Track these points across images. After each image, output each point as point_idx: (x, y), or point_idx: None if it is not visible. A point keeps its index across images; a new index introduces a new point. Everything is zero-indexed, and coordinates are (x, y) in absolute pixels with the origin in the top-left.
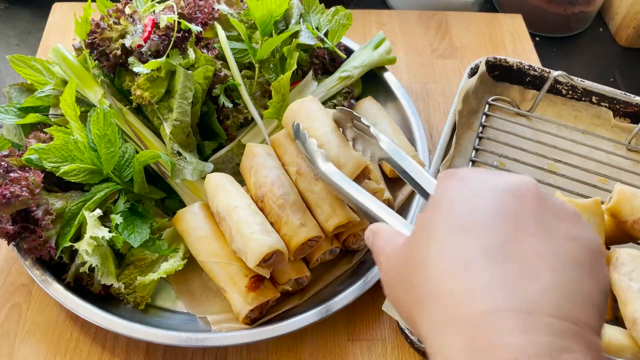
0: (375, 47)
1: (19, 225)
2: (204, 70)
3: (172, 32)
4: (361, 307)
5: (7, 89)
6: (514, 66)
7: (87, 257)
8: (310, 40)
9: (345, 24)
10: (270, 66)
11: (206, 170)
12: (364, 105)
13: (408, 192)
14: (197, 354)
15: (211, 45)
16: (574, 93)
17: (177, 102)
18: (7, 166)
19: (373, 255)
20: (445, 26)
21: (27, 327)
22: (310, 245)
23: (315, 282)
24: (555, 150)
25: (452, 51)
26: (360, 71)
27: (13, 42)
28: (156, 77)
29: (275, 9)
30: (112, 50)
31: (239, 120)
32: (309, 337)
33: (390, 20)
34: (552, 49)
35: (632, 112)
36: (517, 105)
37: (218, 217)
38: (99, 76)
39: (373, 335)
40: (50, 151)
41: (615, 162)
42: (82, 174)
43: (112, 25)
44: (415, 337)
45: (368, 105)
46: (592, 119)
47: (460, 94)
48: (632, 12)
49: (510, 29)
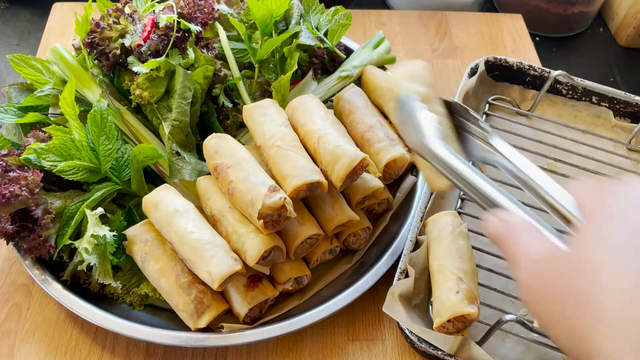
0: (374, 46)
1: (18, 224)
2: (204, 70)
3: (172, 32)
4: (361, 307)
5: (7, 88)
6: (514, 66)
7: (86, 256)
8: (310, 40)
9: (345, 23)
10: (270, 66)
11: (205, 170)
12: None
13: (406, 190)
14: (197, 354)
15: (211, 45)
16: (574, 93)
17: (177, 102)
18: (6, 166)
19: (503, 246)
20: (445, 26)
21: (27, 327)
22: (309, 243)
23: (315, 282)
24: (555, 150)
25: (452, 51)
26: (359, 71)
27: (13, 41)
28: (155, 76)
29: (276, 9)
30: (112, 49)
31: (238, 120)
32: (309, 337)
33: (390, 20)
34: (552, 49)
35: (632, 111)
36: (517, 105)
37: (212, 219)
38: (99, 76)
39: (373, 335)
40: (49, 150)
41: (616, 161)
42: (80, 172)
43: (111, 24)
44: (415, 337)
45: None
46: (592, 118)
47: (460, 94)
48: (632, 12)
49: (510, 29)
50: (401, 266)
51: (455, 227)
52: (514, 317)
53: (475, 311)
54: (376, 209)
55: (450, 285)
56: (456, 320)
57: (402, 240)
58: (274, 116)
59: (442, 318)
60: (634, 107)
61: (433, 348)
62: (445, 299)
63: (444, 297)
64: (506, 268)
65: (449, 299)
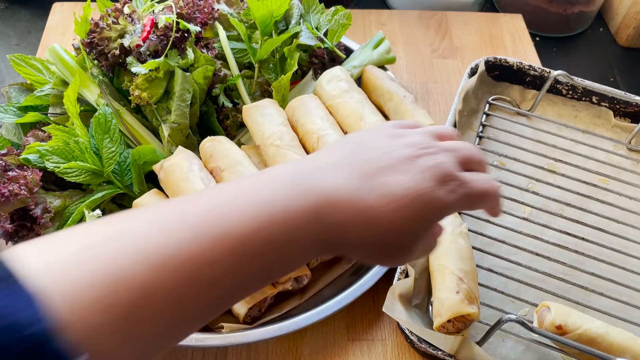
0: (374, 46)
1: (17, 223)
2: (204, 70)
3: (171, 32)
4: (361, 307)
5: (7, 88)
6: (514, 66)
7: None
8: (310, 40)
9: (345, 23)
10: (270, 66)
11: None
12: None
13: None
14: (197, 354)
15: (211, 45)
16: (574, 93)
17: (176, 104)
18: (5, 165)
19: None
20: (445, 26)
21: None
22: None
23: (315, 282)
24: (555, 150)
25: (452, 51)
26: (359, 71)
27: (13, 41)
28: (154, 77)
29: (276, 9)
30: (111, 49)
31: (238, 120)
32: (309, 337)
33: (390, 20)
34: (552, 49)
35: (633, 112)
36: (517, 105)
37: None
38: (98, 76)
39: (373, 336)
40: (53, 152)
41: (616, 161)
42: (83, 174)
43: (111, 24)
44: (415, 337)
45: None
46: (592, 118)
47: (460, 94)
48: (632, 12)
49: (510, 28)
50: (401, 266)
51: (455, 227)
52: (514, 317)
53: (475, 311)
54: None
55: (450, 285)
56: (456, 320)
57: None
58: (273, 116)
59: (442, 318)
60: (634, 107)
61: (433, 348)
62: (445, 299)
63: (444, 297)
64: (506, 268)
65: (449, 299)
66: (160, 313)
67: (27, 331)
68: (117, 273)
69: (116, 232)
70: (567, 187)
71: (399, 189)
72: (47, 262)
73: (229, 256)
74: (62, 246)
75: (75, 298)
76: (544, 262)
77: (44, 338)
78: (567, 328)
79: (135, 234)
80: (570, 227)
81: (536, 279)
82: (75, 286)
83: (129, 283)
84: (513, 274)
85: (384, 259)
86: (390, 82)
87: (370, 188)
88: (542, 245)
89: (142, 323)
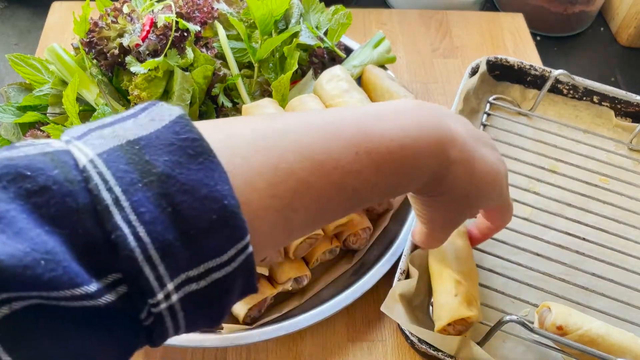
0: (374, 46)
1: None
2: (203, 70)
3: (170, 32)
4: (361, 307)
5: (6, 88)
6: (514, 66)
7: None
8: (310, 40)
9: (345, 23)
10: (269, 65)
11: None
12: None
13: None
14: (196, 354)
15: (210, 44)
16: (575, 92)
17: (175, 104)
18: None
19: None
20: (445, 25)
21: None
22: (309, 243)
23: (315, 282)
24: (556, 150)
25: (452, 50)
26: (359, 70)
27: (12, 41)
28: (154, 77)
29: (276, 9)
30: (110, 49)
31: None
32: (309, 337)
33: (390, 20)
34: (553, 49)
35: (634, 111)
36: (518, 105)
37: None
38: (97, 75)
39: (373, 336)
40: None
41: (617, 161)
42: None
43: (110, 24)
44: (415, 338)
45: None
46: (593, 118)
47: (460, 94)
48: (633, 12)
49: (511, 28)
50: (401, 266)
51: None
52: (514, 318)
53: (475, 313)
54: (376, 209)
55: (449, 287)
56: (456, 323)
57: (402, 240)
58: None
59: (442, 322)
60: (635, 106)
61: (433, 349)
62: (444, 302)
63: (443, 300)
64: (506, 268)
65: (448, 303)
66: (307, 209)
67: (224, 202)
68: (284, 167)
69: (282, 130)
70: (567, 187)
71: (494, 160)
72: (233, 145)
73: (370, 170)
74: (243, 131)
75: (249, 183)
76: (545, 262)
77: (236, 210)
78: (568, 329)
79: (297, 133)
80: (570, 227)
81: (537, 280)
82: (252, 172)
83: (292, 177)
84: (513, 275)
85: (453, 208)
86: (390, 82)
87: (478, 146)
88: (542, 246)
89: (294, 215)
